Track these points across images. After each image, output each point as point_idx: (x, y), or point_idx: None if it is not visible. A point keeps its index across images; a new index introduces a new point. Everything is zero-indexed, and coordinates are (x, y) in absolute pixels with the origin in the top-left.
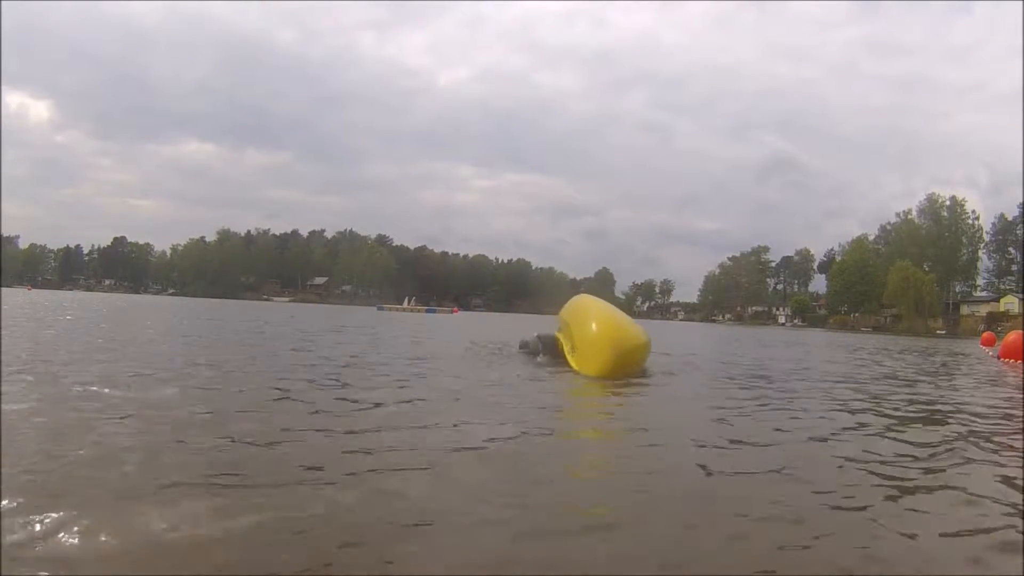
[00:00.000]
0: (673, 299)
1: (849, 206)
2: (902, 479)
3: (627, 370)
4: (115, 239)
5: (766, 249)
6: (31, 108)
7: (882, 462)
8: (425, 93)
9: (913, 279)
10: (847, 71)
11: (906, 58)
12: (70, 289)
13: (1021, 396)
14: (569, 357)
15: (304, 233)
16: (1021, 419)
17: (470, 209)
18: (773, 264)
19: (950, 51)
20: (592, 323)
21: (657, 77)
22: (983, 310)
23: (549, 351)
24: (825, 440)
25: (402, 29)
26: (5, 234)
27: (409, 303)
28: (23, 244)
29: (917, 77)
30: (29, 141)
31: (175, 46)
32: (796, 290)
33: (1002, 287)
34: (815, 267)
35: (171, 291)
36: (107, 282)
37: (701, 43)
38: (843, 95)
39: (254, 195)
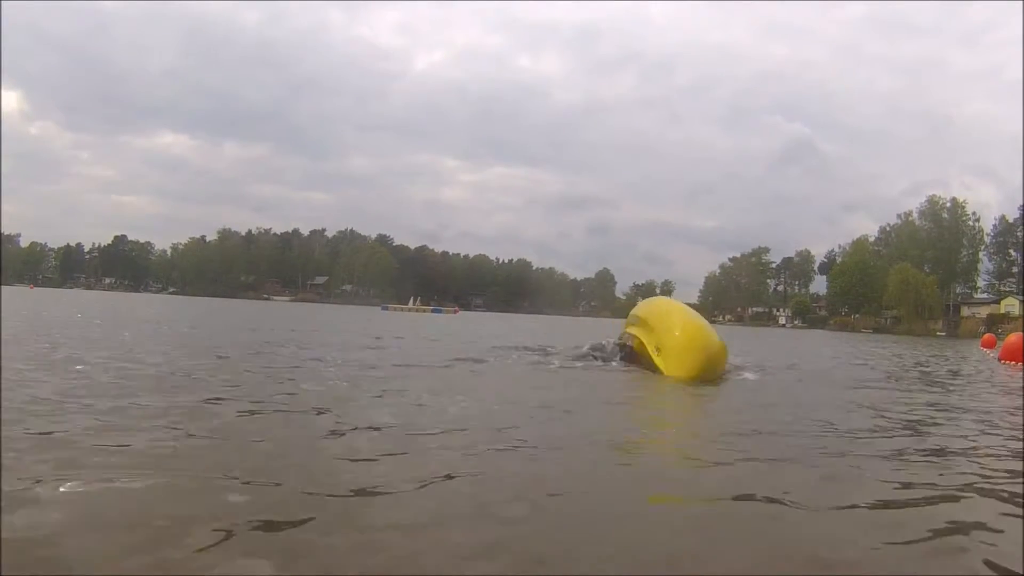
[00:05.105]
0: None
1: (858, 201)
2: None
3: (713, 373)
4: (116, 237)
5: (766, 250)
6: (2, 98)
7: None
8: (402, 78)
9: (913, 281)
10: (854, 54)
11: (917, 41)
12: (71, 287)
13: (1021, 398)
14: (655, 357)
15: (305, 232)
16: (1021, 420)
17: (460, 204)
18: (773, 265)
19: (963, 35)
20: (680, 326)
21: (645, 57)
22: (983, 312)
23: (629, 357)
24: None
25: (371, 6)
26: (6, 232)
27: (414, 303)
28: (24, 243)
29: (930, 61)
30: (4, 133)
31: (134, 24)
32: (797, 291)
33: (1002, 289)
34: (815, 268)
35: (171, 290)
36: (107, 280)
37: (693, 23)
38: (850, 80)
39: (237, 190)
